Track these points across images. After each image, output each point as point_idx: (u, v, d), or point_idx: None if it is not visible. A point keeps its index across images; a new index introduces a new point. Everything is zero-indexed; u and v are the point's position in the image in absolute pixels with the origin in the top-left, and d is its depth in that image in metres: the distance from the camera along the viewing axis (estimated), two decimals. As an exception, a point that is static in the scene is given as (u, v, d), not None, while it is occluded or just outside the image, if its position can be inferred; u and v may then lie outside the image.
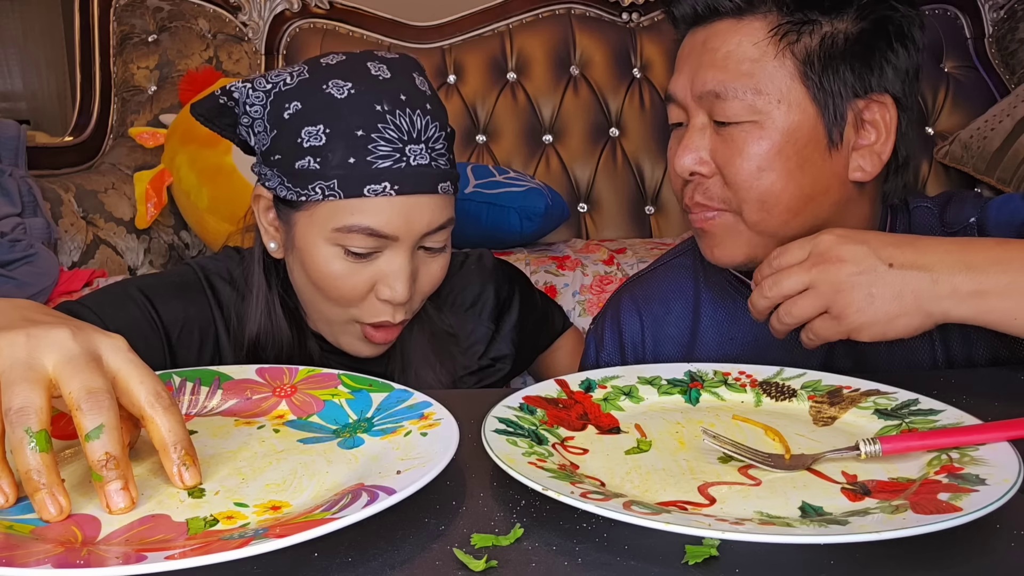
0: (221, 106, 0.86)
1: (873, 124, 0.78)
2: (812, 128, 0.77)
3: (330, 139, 0.78)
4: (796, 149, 0.77)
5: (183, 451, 0.49)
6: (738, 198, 0.78)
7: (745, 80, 0.76)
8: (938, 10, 2.32)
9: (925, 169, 2.20)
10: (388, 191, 0.78)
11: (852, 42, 0.76)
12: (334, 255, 0.81)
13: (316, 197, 0.79)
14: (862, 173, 0.79)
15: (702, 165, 0.79)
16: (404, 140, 0.79)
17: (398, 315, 0.84)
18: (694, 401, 0.66)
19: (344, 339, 0.88)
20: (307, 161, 0.79)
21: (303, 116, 0.79)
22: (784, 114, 0.76)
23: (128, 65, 2.17)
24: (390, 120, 0.79)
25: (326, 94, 0.79)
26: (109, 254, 1.87)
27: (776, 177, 0.77)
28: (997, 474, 0.47)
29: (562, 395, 0.64)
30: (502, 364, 1.03)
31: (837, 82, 0.76)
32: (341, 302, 0.83)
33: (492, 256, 1.07)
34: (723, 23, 0.79)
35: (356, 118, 0.78)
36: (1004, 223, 0.81)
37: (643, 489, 0.50)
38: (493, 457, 0.50)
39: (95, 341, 0.49)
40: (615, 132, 2.28)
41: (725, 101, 0.77)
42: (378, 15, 2.30)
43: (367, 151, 0.78)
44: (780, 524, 0.43)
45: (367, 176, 0.78)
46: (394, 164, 0.79)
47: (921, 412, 0.59)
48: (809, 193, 0.78)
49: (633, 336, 0.96)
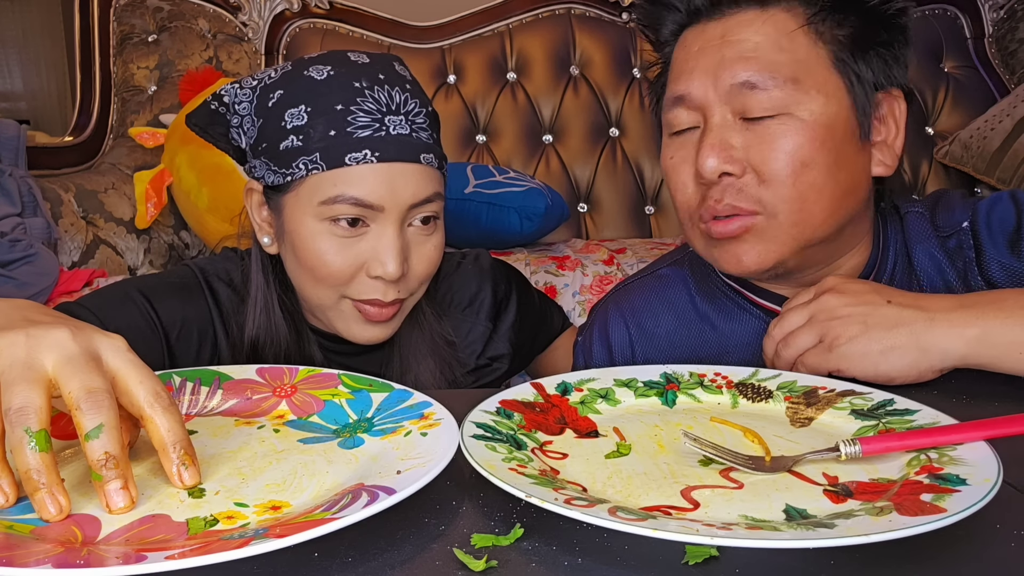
0: (213, 112, 0.87)
1: (885, 119, 0.78)
2: (847, 120, 0.75)
3: (311, 117, 0.80)
4: (835, 142, 0.74)
5: (182, 451, 0.49)
6: (776, 197, 0.74)
7: (782, 69, 0.73)
8: (938, 10, 2.32)
9: (925, 169, 2.20)
10: (369, 158, 0.79)
11: (876, 32, 0.75)
12: (321, 231, 0.81)
13: (300, 173, 0.80)
14: (883, 167, 0.78)
15: (733, 164, 0.74)
16: (383, 112, 0.80)
17: (389, 293, 0.82)
18: (671, 403, 0.66)
19: (340, 323, 0.86)
20: (291, 141, 0.80)
21: (285, 101, 0.81)
22: (822, 105, 0.73)
23: (128, 65, 2.17)
24: (368, 95, 0.80)
25: (307, 77, 0.81)
26: (109, 254, 1.87)
27: (818, 173, 0.73)
28: (977, 474, 0.47)
29: (538, 399, 0.63)
30: (499, 363, 1.03)
31: (868, 72, 0.75)
32: (330, 281, 0.82)
33: (489, 256, 1.07)
34: (745, 14, 0.76)
35: (336, 95, 0.80)
36: (997, 228, 0.80)
37: (626, 494, 0.50)
38: (473, 464, 0.49)
39: (95, 341, 0.49)
40: (615, 132, 2.28)
41: (761, 92, 0.73)
42: (378, 15, 2.30)
43: (347, 123, 0.79)
44: (767, 528, 0.43)
45: (348, 145, 0.79)
46: (374, 133, 0.79)
47: (897, 412, 0.59)
48: (845, 189, 0.76)
49: (623, 348, 0.93)
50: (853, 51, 0.75)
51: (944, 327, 0.67)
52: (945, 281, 0.83)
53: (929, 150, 2.20)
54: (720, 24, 0.77)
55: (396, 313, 0.85)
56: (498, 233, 1.78)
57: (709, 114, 0.76)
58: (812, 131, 0.73)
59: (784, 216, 0.75)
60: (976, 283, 0.81)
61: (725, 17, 0.77)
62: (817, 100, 0.73)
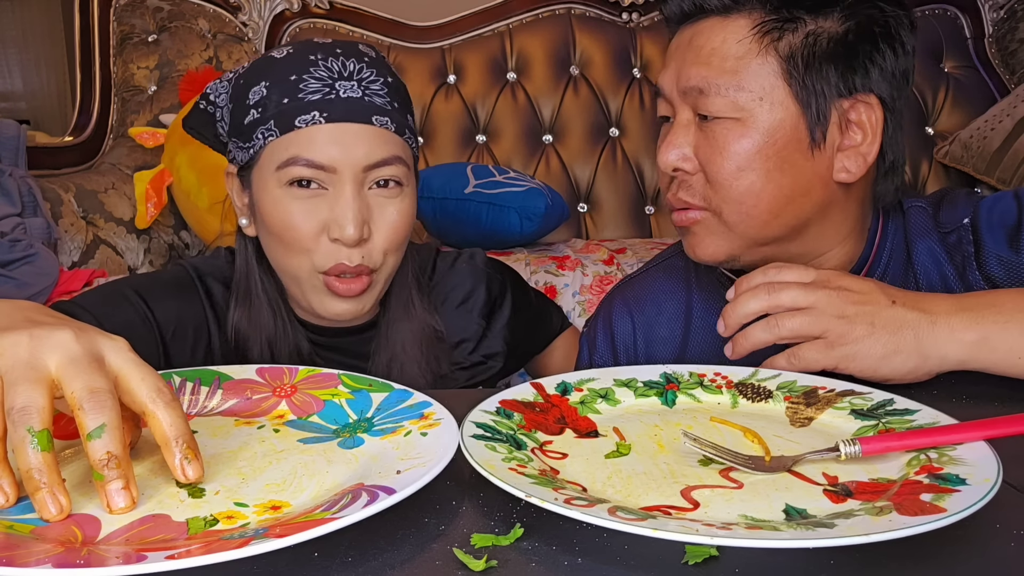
0: (202, 112, 0.91)
1: (859, 125, 0.78)
2: (794, 127, 0.76)
3: (268, 89, 0.83)
4: (776, 149, 0.76)
5: (185, 445, 0.49)
6: (718, 197, 0.79)
7: (728, 77, 0.76)
8: (938, 10, 2.32)
9: (925, 169, 2.20)
10: (317, 119, 0.81)
11: (836, 42, 0.76)
12: (282, 196, 0.83)
13: (259, 143, 0.83)
14: (847, 174, 0.78)
15: (685, 162, 0.80)
16: (334, 78, 0.83)
17: (354, 257, 0.82)
18: (670, 403, 0.66)
19: (314, 297, 0.86)
20: (251, 115, 0.84)
21: (248, 82, 0.85)
22: (766, 112, 0.76)
23: (128, 65, 2.17)
24: (322, 64, 0.83)
25: (268, 57, 0.86)
26: (109, 254, 1.87)
27: (756, 177, 0.77)
28: (977, 474, 0.47)
29: (538, 398, 0.63)
30: (494, 362, 1.04)
31: (820, 81, 0.76)
32: (296, 247, 0.83)
33: (484, 255, 1.08)
34: (709, 21, 0.79)
35: (290, 68, 0.83)
36: (996, 225, 0.81)
37: (625, 494, 0.50)
38: (473, 464, 0.49)
39: (97, 342, 0.49)
40: (615, 132, 2.28)
41: (708, 97, 0.77)
42: (378, 15, 2.30)
43: (299, 90, 0.82)
44: (767, 528, 0.43)
45: (297, 109, 0.81)
46: (323, 97, 0.82)
47: (897, 412, 0.59)
48: (789, 194, 0.78)
49: (625, 338, 0.95)
50: (806, 60, 0.76)
51: (944, 331, 0.67)
52: (943, 277, 0.83)
53: (929, 150, 2.20)
54: (691, 28, 0.81)
55: (367, 289, 0.85)
56: (498, 233, 1.78)
57: (676, 110, 0.81)
58: (752, 137, 0.76)
59: (727, 215, 0.79)
60: (974, 278, 0.81)
61: (698, 21, 0.80)
62: (762, 107, 0.76)
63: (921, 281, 0.84)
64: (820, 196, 0.79)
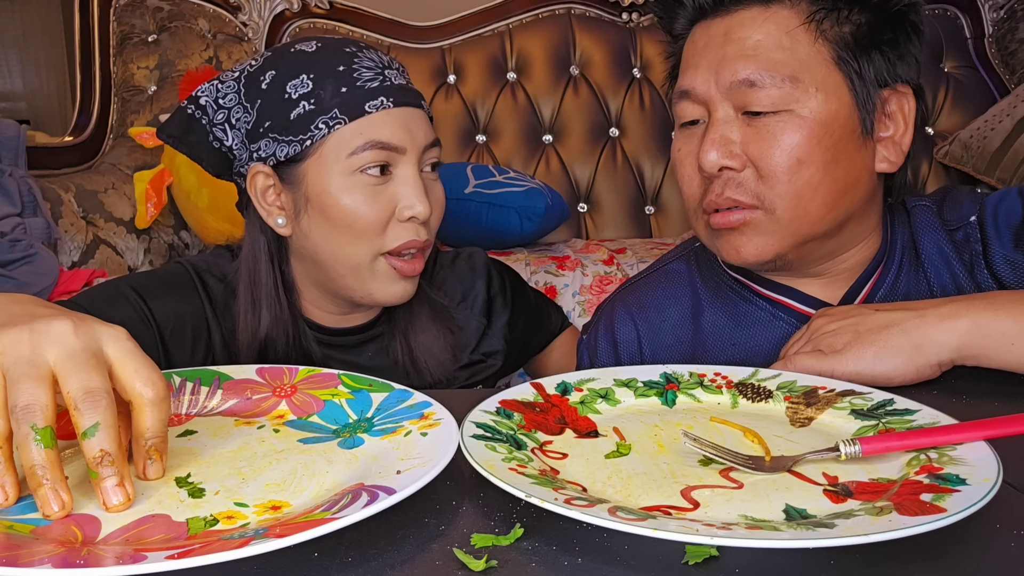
0: (189, 117, 0.87)
1: (893, 115, 0.78)
2: (848, 117, 0.76)
3: (316, 81, 0.83)
4: (834, 140, 0.75)
5: (153, 446, 0.50)
6: (774, 193, 0.76)
7: (781, 68, 0.75)
8: (938, 10, 2.32)
9: (925, 169, 2.20)
10: (386, 104, 0.83)
11: (881, 29, 0.76)
12: (351, 185, 0.83)
13: (322, 133, 0.83)
14: (888, 164, 0.78)
15: (733, 159, 0.77)
16: (380, 67, 0.86)
17: (422, 233, 0.86)
18: (670, 403, 0.66)
19: (374, 283, 0.87)
20: (301, 108, 0.83)
21: (282, 77, 0.84)
22: (821, 102, 0.75)
23: (128, 65, 2.16)
24: (362, 55, 0.85)
25: (297, 52, 0.85)
26: (109, 254, 1.87)
27: (814, 170, 0.75)
28: (977, 474, 0.47)
29: (538, 399, 0.63)
30: (494, 360, 1.04)
31: (871, 69, 0.76)
32: (368, 233, 0.84)
33: (484, 254, 1.08)
34: (748, 12, 0.77)
35: (332, 60, 0.84)
36: (1003, 223, 0.81)
37: (625, 494, 0.50)
38: (473, 464, 0.49)
39: (96, 333, 0.49)
40: (615, 132, 2.28)
41: (759, 90, 0.75)
42: (378, 15, 2.30)
43: (354, 79, 0.84)
44: (767, 528, 0.43)
45: (363, 96, 0.83)
46: (382, 83, 0.84)
47: (897, 412, 0.59)
48: (843, 187, 0.77)
49: (629, 344, 0.94)
50: (855, 48, 0.75)
51: (934, 321, 0.68)
52: (952, 272, 0.83)
53: (929, 150, 2.20)
54: (725, 21, 0.78)
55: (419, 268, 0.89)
56: (498, 233, 1.78)
57: (712, 109, 0.78)
58: (810, 128, 0.75)
59: (781, 212, 0.77)
60: (983, 277, 0.81)
61: (730, 14, 0.78)
62: (816, 98, 0.75)
63: (932, 278, 0.83)
64: (866, 188, 0.79)
